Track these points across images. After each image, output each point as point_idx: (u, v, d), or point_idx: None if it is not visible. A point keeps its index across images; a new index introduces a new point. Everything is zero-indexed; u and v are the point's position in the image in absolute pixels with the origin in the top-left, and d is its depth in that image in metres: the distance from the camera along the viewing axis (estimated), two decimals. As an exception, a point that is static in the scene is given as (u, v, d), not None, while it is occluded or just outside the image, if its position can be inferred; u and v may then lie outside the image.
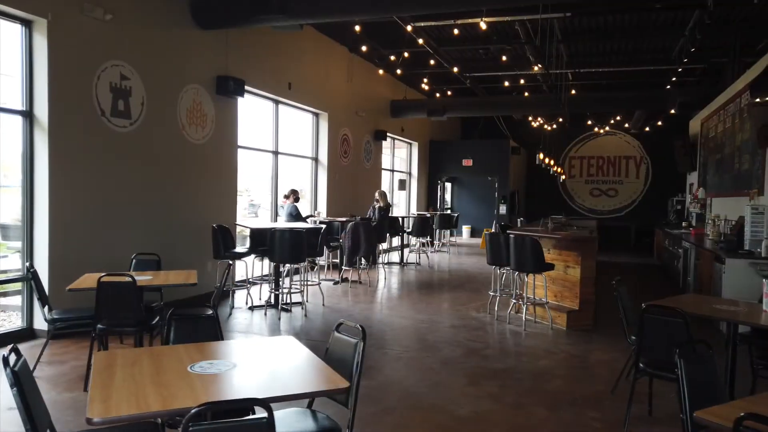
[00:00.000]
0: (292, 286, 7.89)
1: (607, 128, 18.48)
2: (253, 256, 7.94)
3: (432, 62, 11.46)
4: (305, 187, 11.48)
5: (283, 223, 9.43)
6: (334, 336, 3.04)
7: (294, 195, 9.68)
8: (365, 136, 13.26)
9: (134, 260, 5.79)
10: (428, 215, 13.45)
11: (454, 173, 18.14)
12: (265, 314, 7.36)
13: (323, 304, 7.97)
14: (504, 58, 11.35)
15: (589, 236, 7.11)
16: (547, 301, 7.02)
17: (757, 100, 7.75)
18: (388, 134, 14.19)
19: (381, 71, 12.14)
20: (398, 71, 11.85)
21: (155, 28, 7.18)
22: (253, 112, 9.91)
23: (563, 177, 18.80)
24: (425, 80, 13.35)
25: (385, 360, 5.48)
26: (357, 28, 8.96)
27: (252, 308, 7.63)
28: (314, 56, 11.02)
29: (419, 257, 12.96)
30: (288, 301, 7.65)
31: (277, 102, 10.19)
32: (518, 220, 12.19)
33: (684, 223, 13.22)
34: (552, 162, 14.08)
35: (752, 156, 8.41)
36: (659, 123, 16.74)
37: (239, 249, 7.89)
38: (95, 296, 4.45)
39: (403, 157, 16.73)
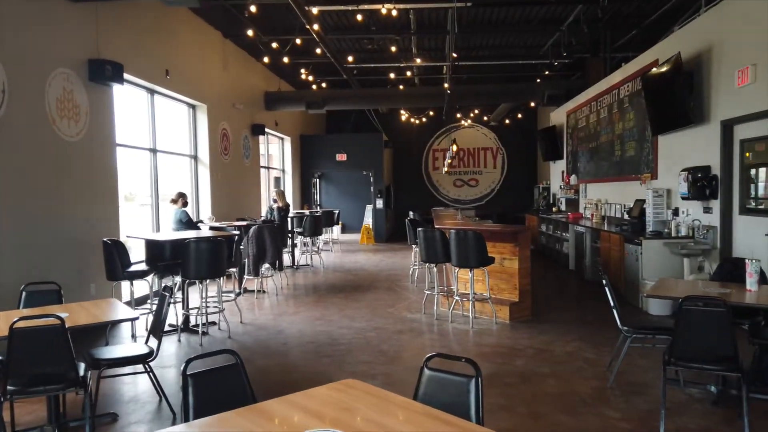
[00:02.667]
0: (205, 304, 6.79)
1: (469, 121, 19.19)
2: (152, 273, 6.70)
3: (318, 51, 10.77)
4: (185, 188, 10.16)
5: (172, 231, 8.20)
6: (427, 375, 2.42)
7: (182, 199, 8.45)
8: (243, 130, 12.16)
9: (24, 293, 4.47)
10: (318, 213, 12.76)
11: (328, 168, 17.55)
12: (179, 341, 6.24)
13: (241, 321, 7.02)
14: (393, 48, 11.05)
15: (525, 227, 7.07)
16: (490, 296, 6.84)
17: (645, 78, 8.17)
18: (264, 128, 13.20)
19: (266, 59, 11.19)
20: (285, 59, 10.97)
21: (14, -4, 5.68)
22: (125, 104, 8.45)
23: (446, 169, 19.27)
24: (304, 71, 12.61)
25: (360, 379, 4.83)
26: (253, 8, 8.00)
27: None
28: (190, 40, 9.76)
29: (311, 258, 12.25)
30: (204, 321, 6.57)
31: (152, 92, 8.83)
32: (410, 213, 12.03)
33: (554, 209, 14.12)
34: (456, 149, 14.30)
35: (639, 143, 9.05)
36: (519, 116, 17.73)
37: (136, 267, 6.62)
38: (7, 347, 3.26)
39: (276, 153, 15.77)
